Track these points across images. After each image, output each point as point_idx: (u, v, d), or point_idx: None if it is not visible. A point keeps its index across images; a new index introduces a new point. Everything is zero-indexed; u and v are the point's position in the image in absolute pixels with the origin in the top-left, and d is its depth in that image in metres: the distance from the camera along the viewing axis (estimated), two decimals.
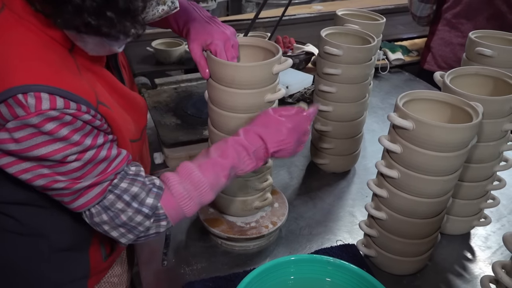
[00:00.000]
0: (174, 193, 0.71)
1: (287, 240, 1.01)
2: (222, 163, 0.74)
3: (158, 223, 0.72)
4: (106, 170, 0.66)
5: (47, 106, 0.57)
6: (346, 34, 1.13)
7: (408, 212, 0.81)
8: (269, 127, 0.77)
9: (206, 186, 0.72)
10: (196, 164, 0.74)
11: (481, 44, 1.00)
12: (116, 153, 0.67)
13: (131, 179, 0.69)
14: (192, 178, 0.72)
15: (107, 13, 0.57)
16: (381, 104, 1.60)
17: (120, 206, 0.68)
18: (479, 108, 0.76)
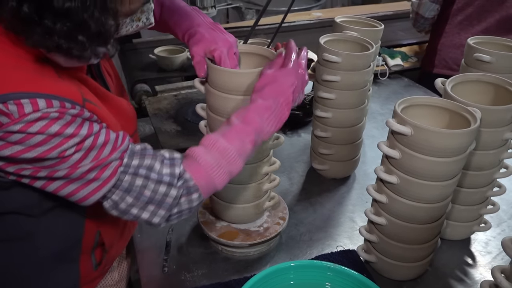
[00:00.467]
0: (202, 162, 0.70)
1: (287, 246, 1.01)
2: (246, 129, 0.72)
3: (190, 196, 0.70)
4: (111, 152, 0.65)
5: (29, 109, 0.56)
6: (344, 41, 1.14)
7: (407, 218, 0.81)
8: (277, 82, 0.76)
9: (234, 153, 0.71)
10: (220, 134, 0.72)
11: (480, 50, 1.01)
12: (115, 136, 0.66)
13: (141, 155, 0.68)
14: (218, 146, 0.71)
15: (78, 37, 0.56)
16: (381, 110, 1.61)
17: (140, 182, 0.66)
18: (477, 113, 0.76)
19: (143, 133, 1.45)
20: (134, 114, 0.84)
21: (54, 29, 0.54)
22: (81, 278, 0.83)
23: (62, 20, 0.54)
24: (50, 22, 0.53)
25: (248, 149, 0.73)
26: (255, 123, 0.73)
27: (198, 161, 0.70)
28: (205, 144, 0.72)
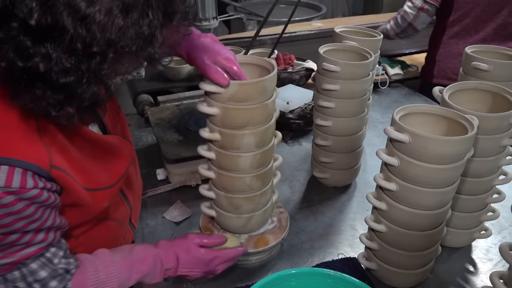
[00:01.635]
0: (87, 281, 0.71)
1: (288, 254, 1.02)
2: (139, 267, 0.77)
3: None
4: (19, 251, 0.64)
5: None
6: (344, 51, 1.15)
7: (407, 225, 0.82)
8: (188, 254, 0.83)
9: (116, 283, 0.74)
10: (116, 259, 0.76)
11: (477, 58, 1.02)
12: (41, 239, 0.65)
13: (43, 263, 0.67)
14: (107, 270, 0.74)
15: (68, 109, 0.56)
16: (381, 119, 1.62)
17: (21, 286, 0.65)
18: (475, 121, 0.77)
19: (146, 142, 1.46)
20: (129, 151, 0.84)
21: (44, 98, 0.53)
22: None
23: (54, 92, 0.53)
24: (40, 91, 0.53)
25: (130, 283, 0.78)
26: (148, 267, 0.79)
27: (85, 277, 0.72)
28: (100, 259, 0.75)
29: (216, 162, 0.89)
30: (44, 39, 0.49)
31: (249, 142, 0.85)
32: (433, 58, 1.79)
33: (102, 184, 0.75)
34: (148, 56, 0.58)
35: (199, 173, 1.20)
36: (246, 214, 0.94)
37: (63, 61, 0.50)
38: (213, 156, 0.88)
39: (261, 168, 0.90)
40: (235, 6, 3.10)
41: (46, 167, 0.61)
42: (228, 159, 0.87)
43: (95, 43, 0.51)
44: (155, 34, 0.55)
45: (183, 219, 1.11)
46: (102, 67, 0.53)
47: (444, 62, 1.75)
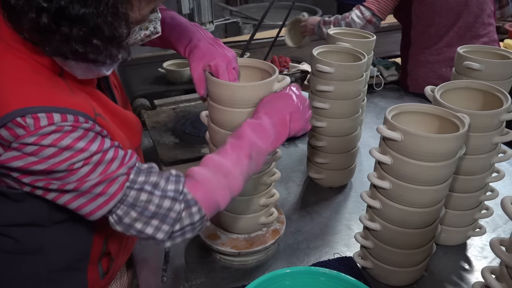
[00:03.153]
0: (199, 178, 0.72)
1: (285, 254, 1.02)
2: (239, 143, 0.75)
3: (189, 210, 0.71)
4: (119, 167, 0.67)
5: (45, 122, 0.59)
6: (337, 52, 1.17)
7: (401, 222, 0.82)
8: (276, 102, 0.79)
9: (229, 167, 0.73)
10: (216, 152, 0.76)
11: (469, 58, 1.03)
12: (123, 153, 0.69)
13: (147, 172, 0.70)
14: (213, 162, 0.74)
15: (93, 41, 0.60)
16: (377, 120, 1.63)
17: (144, 198, 0.68)
18: (466, 119, 0.78)
19: (142, 145, 1.46)
20: (140, 126, 0.86)
21: (71, 35, 0.58)
22: (88, 287, 0.84)
23: (78, 25, 0.57)
24: (67, 28, 0.57)
25: (244, 163, 0.75)
26: (249, 139, 0.75)
27: (195, 177, 0.73)
28: (202, 163, 0.75)
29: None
30: None
31: None
32: (405, 70, 1.82)
33: (131, 147, 0.77)
34: None
35: None
36: (237, 214, 0.95)
37: None
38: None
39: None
40: (231, 10, 3.12)
41: (91, 114, 0.65)
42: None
43: None
44: None
45: None
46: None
47: (415, 72, 1.78)
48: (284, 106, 0.80)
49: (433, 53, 1.70)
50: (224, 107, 0.83)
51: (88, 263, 0.83)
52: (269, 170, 0.94)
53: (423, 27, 1.71)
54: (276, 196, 0.98)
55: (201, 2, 1.77)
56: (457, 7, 1.64)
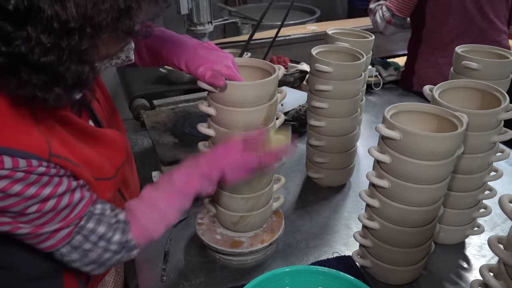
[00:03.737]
0: (143, 223, 0.76)
1: (284, 253, 1.02)
2: (187, 191, 0.79)
3: (130, 252, 0.76)
4: (69, 215, 0.67)
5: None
6: (336, 52, 1.17)
7: (399, 221, 0.83)
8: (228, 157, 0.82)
9: (173, 213, 0.78)
10: (162, 193, 0.78)
11: (467, 58, 1.03)
12: (79, 197, 0.68)
13: (97, 219, 0.71)
14: (158, 207, 0.77)
15: (54, 89, 0.57)
16: (375, 119, 1.63)
17: (88, 247, 0.70)
18: (464, 118, 0.78)
19: (142, 146, 1.47)
20: (125, 143, 0.85)
21: (30, 81, 0.55)
22: None
23: (38, 73, 0.54)
24: (25, 75, 0.54)
25: (186, 207, 0.80)
26: (195, 187, 0.79)
27: (139, 221, 0.76)
28: (146, 202, 0.77)
29: None
30: (23, 22, 0.51)
31: None
32: (412, 67, 1.81)
33: (106, 174, 0.77)
34: (128, 30, 0.59)
35: None
36: (240, 213, 0.96)
37: (42, 40, 0.52)
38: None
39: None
40: (229, 11, 3.12)
41: (45, 155, 0.62)
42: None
43: (72, 20, 0.52)
44: (131, 6, 0.57)
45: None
46: (82, 44, 0.54)
47: (422, 71, 1.77)
48: (222, 158, 0.82)
49: (443, 55, 1.69)
50: (223, 106, 0.84)
51: (63, 273, 0.82)
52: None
53: (435, 27, 1.70)
54: (282, 181, 1.01)
55: (199, 3, 1.77)
56: (471, 11, 1.63)
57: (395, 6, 1.69)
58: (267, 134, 0.86)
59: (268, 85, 0.84)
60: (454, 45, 1.68)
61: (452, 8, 1.64)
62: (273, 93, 0.86)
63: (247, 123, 0.85)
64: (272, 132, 0.89)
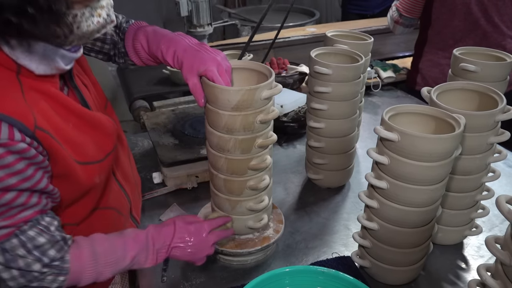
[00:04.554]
0: (83, 256, 0.74)
1: (284, 254, 1.03)
2: (132, 244, 0.79)
3: (57, 276, 0.72)
4: (16, 215, 0.66)
5: None
6: (335, 54, 1.18)
7: (398, 222, 0.84)
8: (184, 221, 0.85)
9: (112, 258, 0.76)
10: (109, 237, 0.78)
11: (465, 60, 1.04)
12: (35, 202, 0.68)
13: (40, 230, 0.69)
14: (103, 246, 0.76)
15: (28, 9, 0.57)
16: (374, 121, 1.64)
17: (21, 253, 0.68)
18: (462, 119, 0.79)
19: (142, 147, 1.48)
20: (114, 129, 0.85)
21: (3, 3, 0.56)
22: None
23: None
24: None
25: (125, 262, 0.78)
26: (140, 245, 0.80)
27: (81, 252, 0.74)
28: (95, 240, 0.77)
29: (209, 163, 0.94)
30: None
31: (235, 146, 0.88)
32: (416, 66, 1.83)
33: (91, 157, 0.77)
34: None
35: (194, 176, 1.23)
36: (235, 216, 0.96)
37: None
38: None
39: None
40: (229, 13, 3.13)
41: (30, 126, 0.64)
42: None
43: None
44: None
45: None
46: None
47: (426, 70, 1.78)
48: (166, 237, 0.83)
49: (446, 56, 1.70)
50: (217, 110, 0.84)
51: None
52: (258, 176, 0.93)
53: (440, 28, 1.71)
54: (264, 203, 0.96)
55: (199, 5, 1.78)
56: (476, 14, 1.64)
57: (403, 7, 1.71)
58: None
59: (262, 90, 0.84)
60: (457, 47, 1.69)
61: (457, 10, 1.65)
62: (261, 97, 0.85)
63: (243, 126, 0.86)
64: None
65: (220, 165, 0.91)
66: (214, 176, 0.94)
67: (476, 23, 1.66)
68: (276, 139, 0.93)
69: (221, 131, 0.87)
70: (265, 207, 0.97)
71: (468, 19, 1.65)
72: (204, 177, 1.23)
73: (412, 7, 1.71)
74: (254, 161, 0.90)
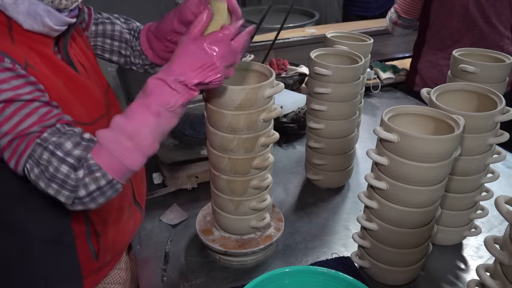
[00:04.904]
0: (102, 142, 0.69)
1: (283, 254, 1.03)
2: (144, 101, 0.71)
3: (93, 175, 0.68)
4: (33, 124, 0.66)
5: None
6: (335, 55, 1.18)
7: (398, 222, 0.84)
8: (187, 56, 0.73)
9: (134, 129, 0.70)
10: (123, 113, 0.72)
11: (464, 61, 1.05)
12: (46, 110, 0.67)
13: (62, 134, 0.68)
14: (117, 124, 0.70)
15: None
16: (374, 122, 1.65)
17: (46, 157, 0.66)
18: (461, 120, 0.80)
19: None
20: (102, 100, 0.85)
21: None
22: (82, 266, 0.85)
23: None
24: None
25: (151, 120, 0.71)
26: (154, 95, 0.72)
27: (99, 142, 0.70)
28: (110, 125, 0.72)
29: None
30: None
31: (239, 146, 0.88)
32: (415, 67, 1.84)
33: (78, 118, 0.76)
34: None
35: (194, 177, 1.23)
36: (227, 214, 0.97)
37: None
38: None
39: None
40: None
41: (21, 62, 0.66)
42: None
43: None
44: None
45: (179, 222, 1.12)
46: None
47: (424, 71, 1.79)
48: (209, 61, 0.73)
49: (445, 57, 1.71)
50: (217, 108, 0.85)
51: (74, 238, 0.83)
52: (260, 175, 0.94)
53: (438, 28, 1.72)
54: (267, 202, 0.97)
55: None
56: (473, 14, 1.64)
57: (401, 8, 1.72)
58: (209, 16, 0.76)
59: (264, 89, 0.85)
60: (455, 47, 1.69)
61: (455, 11, 1.65)
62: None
63: (245, 125, 0.86)
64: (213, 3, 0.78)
65: (223, 166, 0.91)
66: (216, 177, 0.94)
67: (474, 23, 1.66)
68: (278, 137, 0.93)
69: (225, 131, 0.87)
70: (267, 206, 0.97)
71: (466, 19, 1.66)
72: (204, 177, 1.24)
73: (411, 8, 1.72)
74: (257, 160, 0.90)
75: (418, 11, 1.72)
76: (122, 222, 0.93)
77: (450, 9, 1.66)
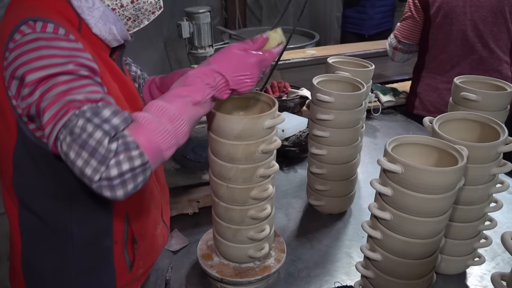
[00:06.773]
0: (141, 121, 0.67)
1: (286, 282, 1.02)
2: (182, 90, 0.73)
3: (129, 153, 0.64)
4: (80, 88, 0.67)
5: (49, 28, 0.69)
6: (337, 81, 1.19)
7: (402, 253, 0.83)
8: (229, 61, 0.77)
9: (175, 112, 0.69)
10: (161, 97, 0.72)
11: (466, 89, 1.06)
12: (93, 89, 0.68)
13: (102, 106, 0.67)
14: (158, 107, 0.69)
15: None
16: (375, 145, 1.65)
17: (80, 124, 0.63)
18: (464, 151, 0.80)
19: None
20: (142, 103, 0.90)
21: None
22: (117, 275, 0.85)
23: None
24: None
25: (190, 108, 0.72)
26: (197, 85, 0.73)
27: (138, 121, 0.68)
28: (145, 108, 0.71)
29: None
30: None
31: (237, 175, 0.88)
32: (415, 91, 1.85)
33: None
34: None
35: (195, 202, 1.23)
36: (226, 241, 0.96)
37: None
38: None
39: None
40: (230, 34, 3.16)
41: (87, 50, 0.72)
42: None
43: None
44: None
45: (180, 248, 1.11)
46: None
47: (424, 94, 1.80)
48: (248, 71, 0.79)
49: (444, 81, 1.72)
50: (218, 138, 0.85)
51: (112, 243, 0.83)
52: (259, 205, 0.93)
53: (436, 53, 1.74)
54: (265, 233, 0.95)
55: (201, 26, 1.80)
56: (472, 39, 1.66)
57: (400, 33, 1.75)
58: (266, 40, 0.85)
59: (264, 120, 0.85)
60: (454, 71, 1.72)
61: (453, 36, 1.67)
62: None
63: (244, 155, 0.87)
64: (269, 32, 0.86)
65: (221, 193, 0.91)
66: (216, 203, 0.94)
67: (472, 48, 1.68)
68: (278, 169, 0.93)
69: (223, 159, 0.87)
70: (266, 237, 0.96)
71: (464, 44, 1.67)
72: (206, 202, 1.23)
73: (410, 33, 1.74)
74: (255, 191, 0.90)
75: (418, 36, 1.75)
76: (156, 233, 0.93)
77: (448, 34, 1.68)
